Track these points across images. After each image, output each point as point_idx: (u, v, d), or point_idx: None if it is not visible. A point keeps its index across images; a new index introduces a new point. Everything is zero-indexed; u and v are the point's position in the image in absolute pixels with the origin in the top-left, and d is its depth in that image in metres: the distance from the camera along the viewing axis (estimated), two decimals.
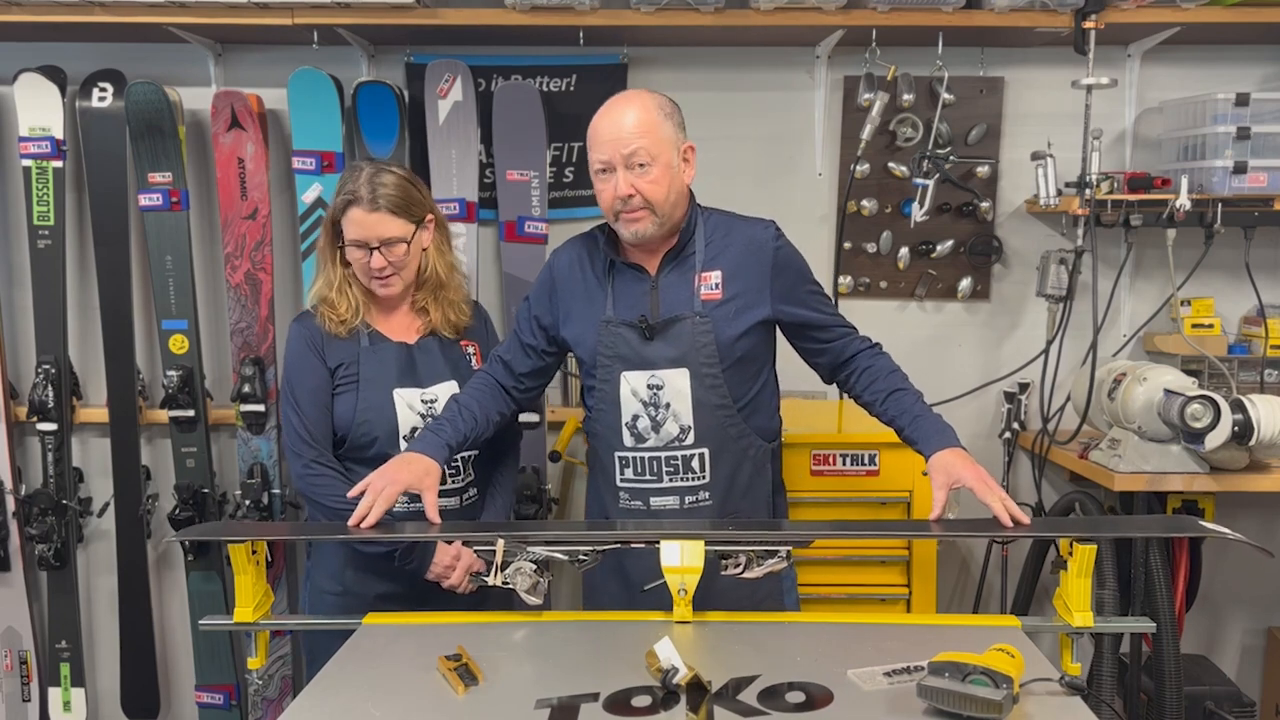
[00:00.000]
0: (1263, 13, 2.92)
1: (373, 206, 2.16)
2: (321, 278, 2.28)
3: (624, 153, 2.03)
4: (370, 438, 2.20)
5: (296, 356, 2.24)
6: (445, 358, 2.29)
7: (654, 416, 2.13)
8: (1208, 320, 3.19)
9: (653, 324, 2.11)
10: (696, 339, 2.11)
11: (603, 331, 2.14)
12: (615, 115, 2.07)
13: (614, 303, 2.15)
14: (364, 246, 2.18)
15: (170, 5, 2.88)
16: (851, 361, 2.20)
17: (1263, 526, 3.29)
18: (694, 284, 2.13)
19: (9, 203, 3.27)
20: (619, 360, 2.13)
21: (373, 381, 2.22)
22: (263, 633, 1.91)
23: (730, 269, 2.14)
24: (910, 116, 3.18)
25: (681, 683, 1.56)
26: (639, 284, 2.15)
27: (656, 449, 2.14)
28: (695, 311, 2.11)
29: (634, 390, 2.13)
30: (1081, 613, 1.79)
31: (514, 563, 1.85)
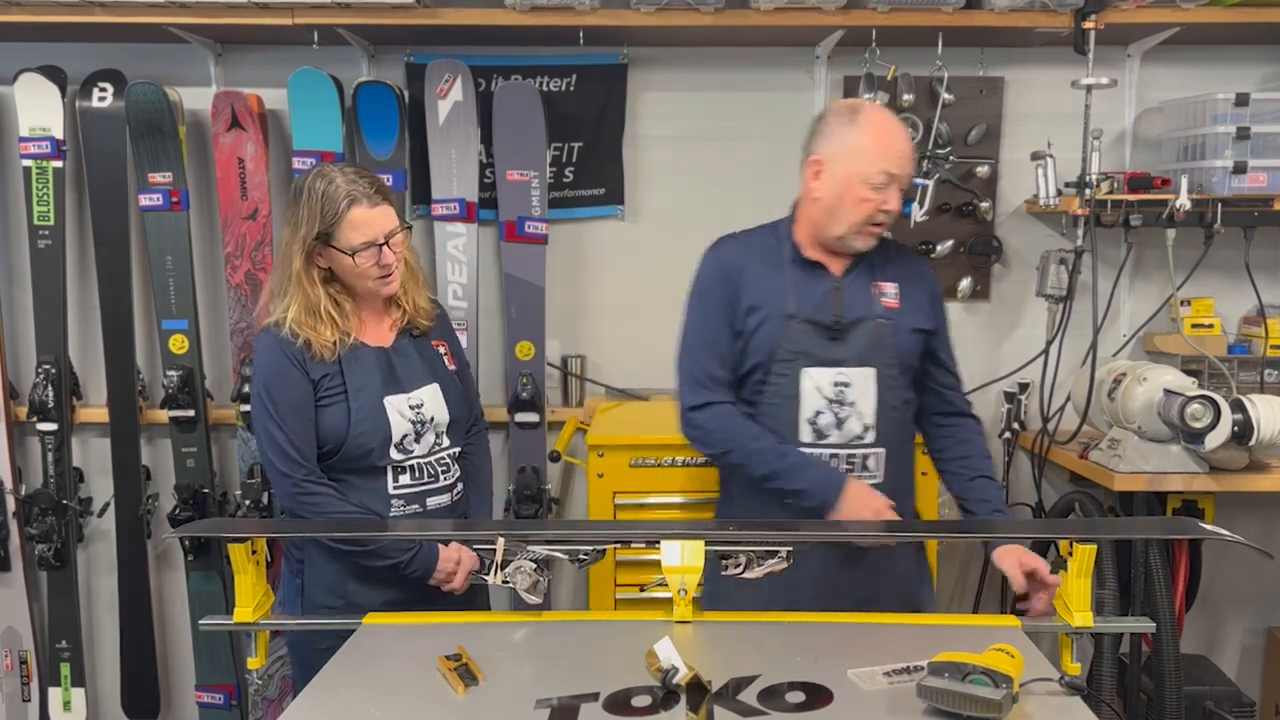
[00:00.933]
0: (1263, 13, 2.92)
1: (373, 201, 2.10)
2: (294, 303, 2.11)
3: (906, 171, 2.10)
4: (366, 448, 2.14)
5: (274, 369, 2.10)
6: (422, 359, 2.24)
7: (837, 413, 2.14)
8: (1207, 320, 3.19)
9: (842, 324, 2.14)
10: (881, 340, 2.15)
11: (786, 326, 2.14)
12: (900, 134, 2.11)
13: (798, 299, 2.15)
14: (373, 245, 2.10)
15: (170, 5, 2.88)
16: (952, 420, 2.28)
17: (1262, 526, 3.29)
18: (872, 290, 2.17)
19: (9, 203, 3.27)
20: (802, 356, 2.13)
21: (362, 390, 2.14)
22: (263, 633, 1.91)
23: (903, 283, 2.20)
24: (910, 116, 3.18)
25: (681, 683, 1.56)
26: (821, 283, 2.17)
27: (837, 446, 2.15)
28: (880, 315, 2.15)
29: (818, 386, 2.13)
30: (1081, 613, 1.79)
31: (514, 562, 1.85)
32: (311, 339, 2.10)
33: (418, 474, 2.19)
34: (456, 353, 2.35)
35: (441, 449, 2.23)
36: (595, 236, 3.33)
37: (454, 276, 3.17)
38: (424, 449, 2.20)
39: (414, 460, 2.18)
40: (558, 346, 3.33)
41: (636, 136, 3.28)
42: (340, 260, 2.10)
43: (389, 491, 2.17)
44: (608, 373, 3.36)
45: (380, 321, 2.22)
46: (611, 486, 2.76)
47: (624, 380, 3.35)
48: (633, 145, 3.28)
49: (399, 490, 2.18)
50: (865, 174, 2.07)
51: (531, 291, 3.18)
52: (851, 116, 2.10)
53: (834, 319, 2.14)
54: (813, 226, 2.17)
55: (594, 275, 3.34)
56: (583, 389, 3.36)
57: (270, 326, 2.14)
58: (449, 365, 2.30)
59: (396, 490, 2.17)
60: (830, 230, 2.13)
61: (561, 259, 3.30)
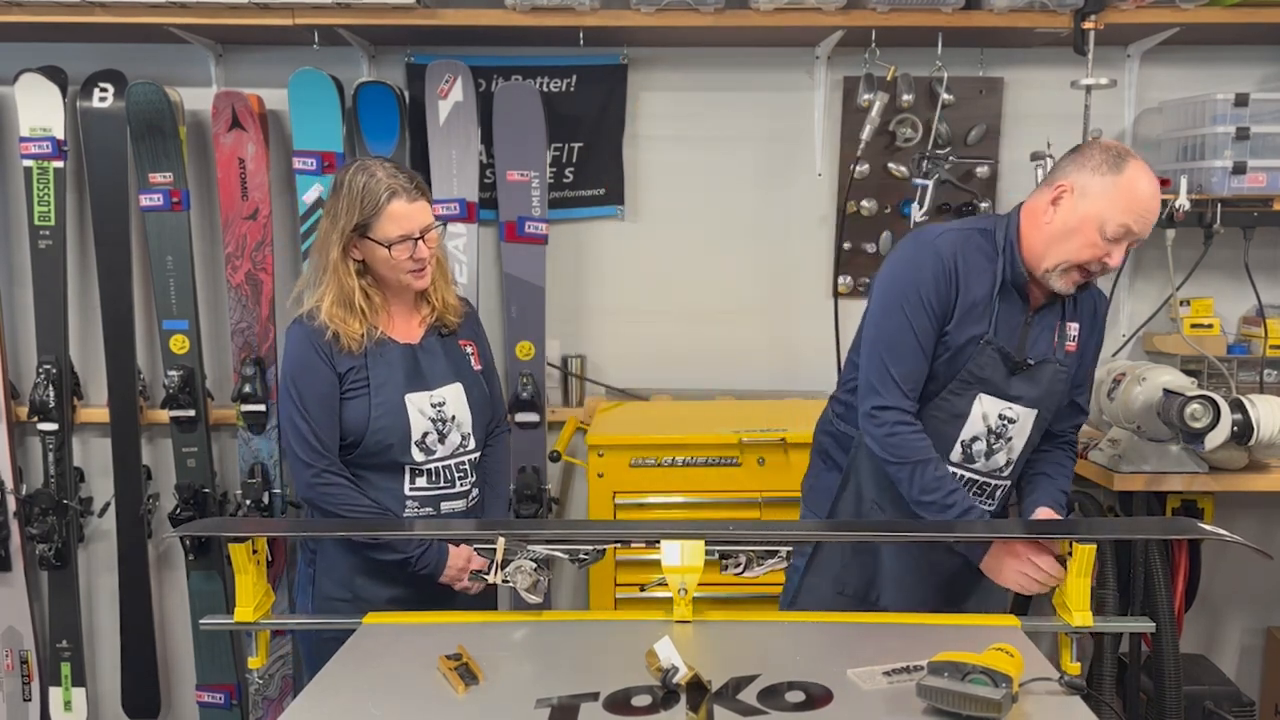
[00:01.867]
0: (1262, 13, 2.92)
1: (413, 195, 2.12)
2: (329, 293, 2.15)
3: (1145, 234, 1.99)
4: (385, 444, 2.15)
5: (302, 361, 2.14)
6: (448, 358, 2.25)
7: (991, 444, 2.13)
8: (1207, 320, 3.19)
9: (1031, 363, 2.09)
10: (1055, 385, 2.12)
11: (979, 350, 2.07)
12: (1155, 196, 1.98)
13: (996, 323, 2.07)
14: (409, 238, 2.12)
15: (171, 5, 2.88)
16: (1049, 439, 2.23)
17: (1262, 526, 3.29)
18: (1056, 331, 2.12)
19: (10, 203, 3.27)
20: (981, 382, 2.09)
21: (384, 386, 2.16)
22: (263, 632, 1.91)
23: (1083, 323, 2.16)
24: (910, 117, 3.18)
25: (681, 682, 1.56)
26: (1018, 315, 2.10)
27: (978, 473, 2.15)
28: (1058, 360, 2.12)
29: (985, 414, 2.10)
30: (1081, 612, 1.79)
31: (514, 561, 1.85)
32: (341, 331, 2.12)
33: (434, 478, 2.21)
34: (484, 353, 2.36)
35: (464, 452, 2.24)
36: (595, 236, 3.33)
37: (454, 276, 3.17)
38: (448, 450, 2.21)
39: (433, 464, 2.20)
40: (558, 346, 3.33)
41: (636, 136, 3.28)
42: (376, 252, 2.13)
43: (405, 492, 2.19)
44: (608, 373, 3.37)
45: (410, 317, 2.25)
46: (611, 486, 2.76)
47: (624, 380, 3.35)
48: (633, 145, 3.28)
49: (414, 492, 2.19)
50: (1107, 219, 1.96)
51: (531, 291, 3.18)
52: (1119, 161, 1.97)
53: (1020, 355, 2.08)
54: (1027, 250, 2.07)
55: (594, 275, 3.34)
56: (583, 389, 3.36)
57: (302, 318, 2.17)
58: (475, 365, 2.31)
59: (412, 492, 2.19)
60: (1043, 261, 2.03)
61: (561, 259, 3.30)
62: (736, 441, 2.74)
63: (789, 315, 3.34)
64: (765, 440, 2.74)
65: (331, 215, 2.14)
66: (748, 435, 2.74)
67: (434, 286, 2.24)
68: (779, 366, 3.35)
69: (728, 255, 3.32)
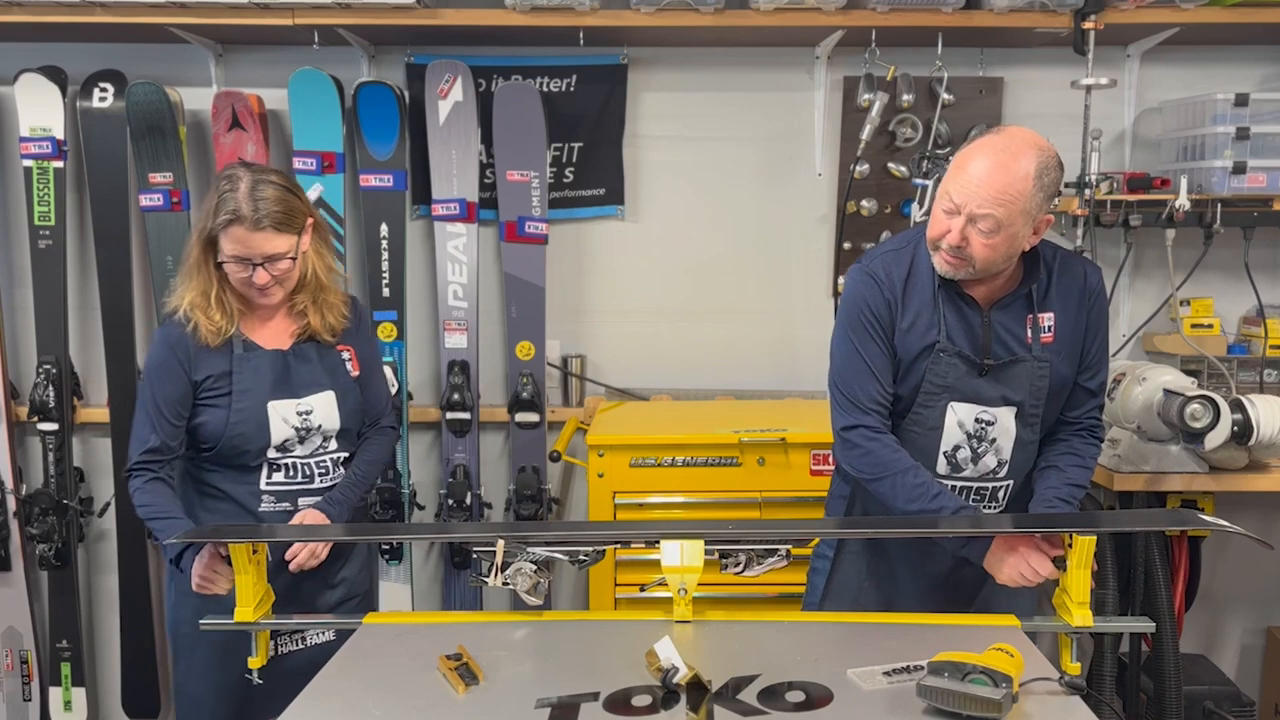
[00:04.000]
0: (1262, 13, 2.92)
1: (256, 225, 2.04)
2: (193, 287, 2.12)
3: (975, 212, 1.91)
4: (241, 449, 2.13)
5: (159, 364, 2.12)
6: (322, 365, 2.20)
7: (975, 449, 2.10)
8: (1207, 320, 3.19)
9: (993, 364, 2.05)
10: (1034, 382, 2.07)
11: (934, 358, 2.05)
12: (989, 167, 1.90)
13: (947, 330, 2.05)
14: (246, 262, 2.07)
15: (171, 5, 2.88)
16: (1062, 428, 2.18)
17: (1262, 526, 3.29)
18: (1028, 324, 2.07)
19: (10, 203, 3.27)
20: (948, 390, 2.06)
21: (246, 393, 2.12)
22: (263, 632, 1.91)
23: (1060, 310, 2.08)
24: (910, 117, 3.18)
25: (681, 682, 1.56)
26: (970, 315, 2.06)
27: (970, 479, 2.12)
28: (1034, 355, 2.06)
29: (961, 421, 2.08)
30: (1082, 606, 1.79)
31: (514, 563, 1.85)
32: (200, 322, 2.10)
33: (292, 472, 2.17)
34: (364, 357, 2.29)
35: (325, 451, 2.21)
36: (595, 236, 3.33)
37: (454, 276, 3.17)
38: (306, 450, 2.18)
39: (290, 459, 2.17)
40: (558, 346, 3.33)
41: (636, 136, 3.28)
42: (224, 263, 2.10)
43: (260, 487, 2.16)
44: (608, 373, 3.37)
45: (281, 323, 2.20)
46: (611, 486, 2.76)
47: (624, 380, 3.35)
48: (633, 145, 3.28)
49: (271, 487, 2.16)
50: (941, 194, 1.97)
51: (531, 291, 3.18)
52: (977, 139, 1.98)
53: (983, 358, 2.04)
54: None
55: (594, 275, 3.34)
56: (583, 389, 3.36)
57: (167, 320, 2.16)
58: (352, 371, 2.25)
59: (268, 486, 2.16)
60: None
61: (561, 259, 3.30)
62: (736, 441, 2.74)
63: (789, 315, 3.34)
64: (765, 440, 2.74)
65: (201, 212, 2.13)
66: (748, 435, 2.74)
67: (311, 308, 2.19)
68: (779, 366, 3.35)
69: (728, 255, 3.32)
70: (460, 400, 3.18)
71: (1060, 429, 2.18)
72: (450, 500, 3.22)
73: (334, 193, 3.12)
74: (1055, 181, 1.97)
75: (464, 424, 3.21)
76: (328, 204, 3.12)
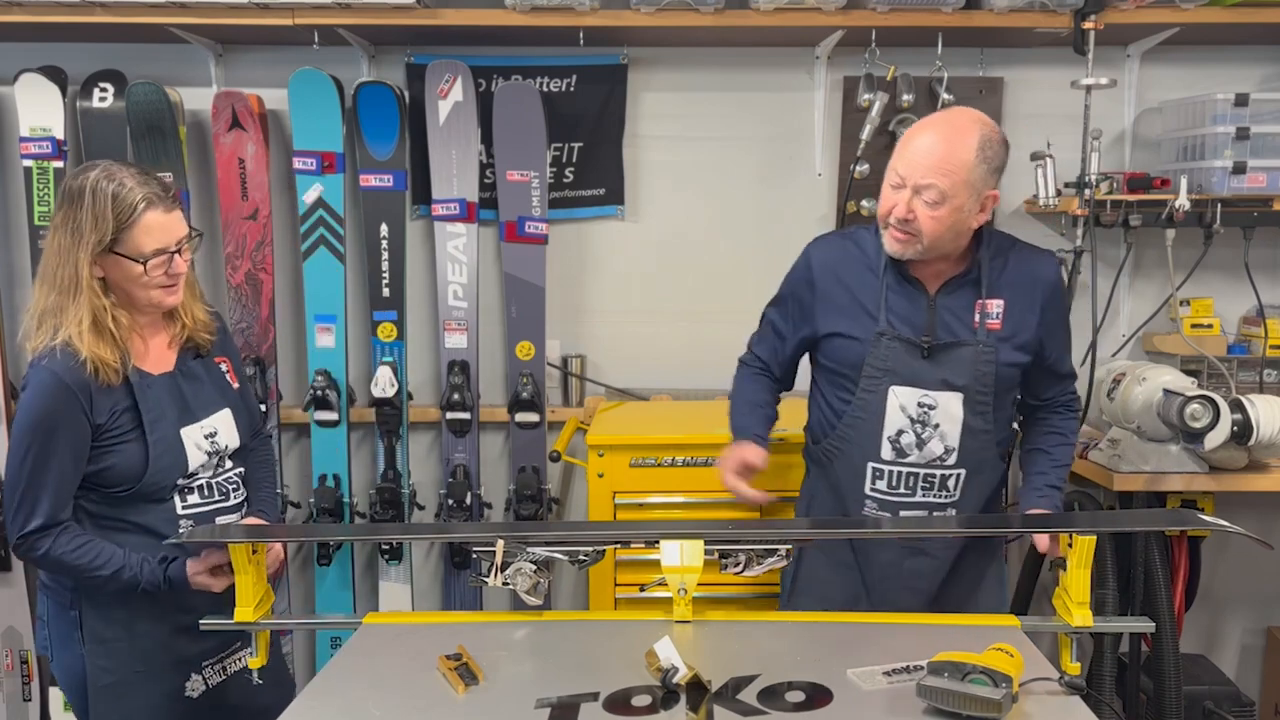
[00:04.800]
0: (1263, 13, 2.92)
1: (169, 205, 1.91)
2: (75, 316, 1.88)
3: (919, 182, 1.97)
4: (159, 485, 1.97)
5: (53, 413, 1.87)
6: (212, 383, 2.09)
7: (920, 434, 2.11)
8: (1207, 320, 3.19)
9: (934, 345, 2.08)
10: (979, 366, 2.09)
11: (875, 343, 2.09)
12: (931, 140, 1.99)
13: (889, 314, 2.10)
14: (166, 252, 1.92)
15: (170, 5, 2.88)
16: (1040, 409, 2.25)
17: (1262, 526, 3.29)
18: (975, 310, 2.09)
19: (10, 203, 3.27)
20: (889, 374, 2.10)
21: (158, 423, 1.96)
22: (263, 632, 1.91)
23: (1011, 300, 2.11)
24: (910, 117, 3.17)
25: (681, 682, 1.56)
26: (916, 300, 2.10)
27: (916, 465, 2.13)
28: (979, 340, 2.09)
29: (902, 406, 2.10)
30: (1082, 606, 1.79)
31: (514, 563, 1.85)
32: (99, 356, 1.89)
33: (207, 492, 2.06)
34: (238, 367, 2.21)
35: (226, 469, 2.10)
36: (595, 236, 3.33)
37: (454, 276, 3.17)
38: (209, 472, 2.07)
39: (200, 481, 2.05)
40: (558, 346, 3.33)
41: (636, 136, 3.28)
42: (126, 269, 1.91)
43: (177, 513, 2.01)
44: (608, 373, 3.37)
45: (160, 338, 2.05)
46: (611, 486, 2.76)
47: (624, 380, 3.35)
48: (633, 145, 3.28)
49: (188, 510, 2.02)
50: (890, 171, 2.03)
51: (531, 291, 3.18)
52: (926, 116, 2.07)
53: (925, 340, 2.08)
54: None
55: (594, 275, 3.34)
56: (583, 389, 3.36)
57: (48, 356, 1.89)
58: (233, 384, 2.16)
59: (185, 511, 2.02)
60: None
61: (561, 259, 3.30)
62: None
63: None
64: None
65: (72, 228, 1.89)
66: None
67: (190, 298, 2.06)
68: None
69: (728, 255, 3.32)
70: (460, 400, 3.18)
71: (1038, 410, 2.25)
72: (450, 500, 3.22)
73: (334, 193, 3.12)
74: (999, 156, 2.02)
75: (464, 424, 3.21)
76: (328, 204, 3.12)
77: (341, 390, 3.17)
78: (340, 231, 3.14)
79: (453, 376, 3.18)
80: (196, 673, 2.06)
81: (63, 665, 2.04)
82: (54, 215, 1.93)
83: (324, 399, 3.14)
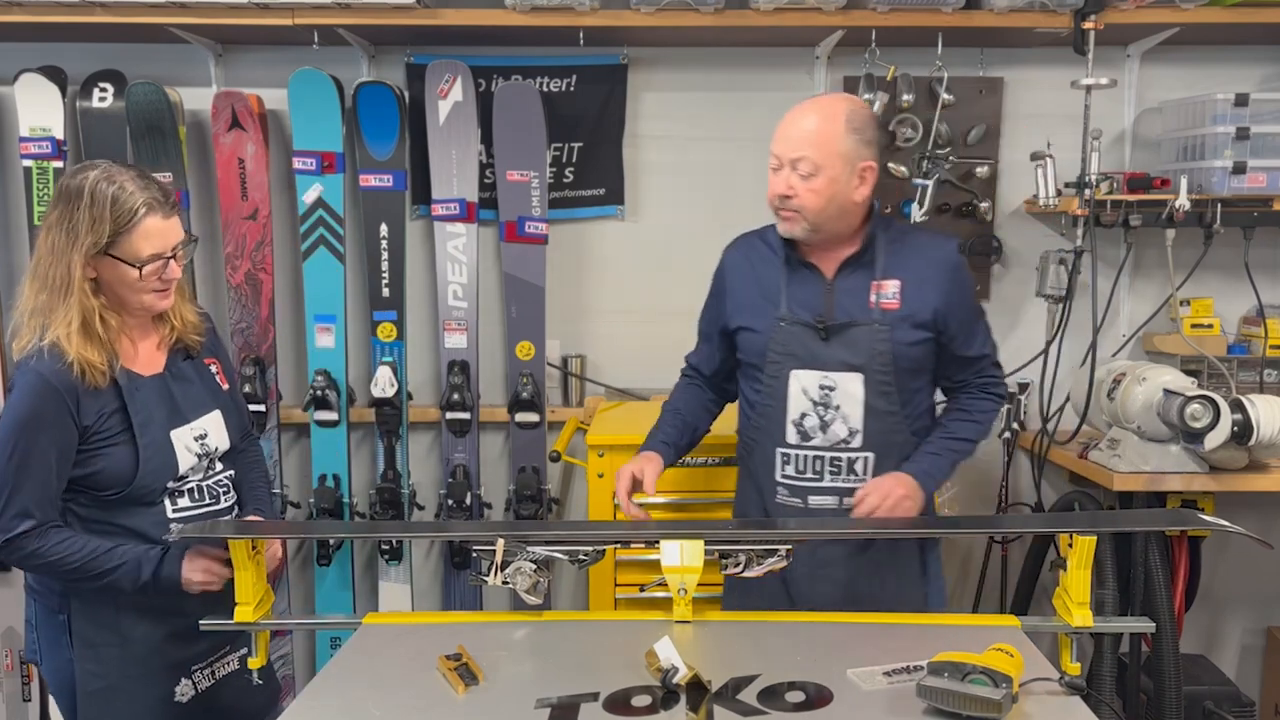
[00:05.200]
0: (1263, 13, 2.92)
1: (169, 210, 1.91)
2: (65, 317, 1.86)
3: (791, 156, 2.08)
4: (149, 488, 1.95)
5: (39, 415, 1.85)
6: (202, 384, 2.08)
7: (823, 416, 2.14)
8: (1207, 320, 3.19)
9: (830, 325, 2.12)
10: (875, 345, 2.12)
11: (776, 329, 2.16)
12: (799, 116, 2.11)
13: (788, 300, 2.16)
14: (162, 257, 1.91)
15: (170, 5, 2.88)
16: (954, 390, 2.26)
17: (1262, 526, 3.29)
18: (871, 291, 2.13)
19: (10, 203, 3.27)
20: (790, 358, 2.15)
21: (148, 426, 1.94)
22: (263, 633, 1.91)
23: (908, 280, 2.14)
24: (910, 117, 3.18)
25: (681, 682, 1.56)
26: (814, 284, 2.16)
27: (821, 448, 2.16)
28: (874, 319, 2.12)
29: (804, 389, 2.14)
30: (1081, 606, 1.79)
31: (514, 563, 1.85)
32: (86, 359, 1.87)
33: (198, 496, 2.04)
34: (228, 369, 2.18)
35: (216, 472, 2.08)
36: (595, 236, 3.33)
37: (454, 276, 3.17)
38: (200, 475, 2.05)
39: (190, 484, 2.03)
40: (558, 346, 3.33)
41: (636, 136, 3.28)
42: (121, 272, 1.89)
43: (168, 516, 1.99)
44: (608, 373, 3.37)
45: (148, 341, 2.03)
46: (611, 486, 2.75)
47: (624, 380, 3.35)
48: (633, 145, 3.28)
49: (179, 514, 2.00)
50: (770, 160, 2.13)
51: (531, 291, 3.18)
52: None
53: (820, 321, 2.13)
54: None
55: (594, 275, 3.34)
56: (583, 389, 3.36)
57: (35, 357, 1.87)
58: (223, 385, 2.14)
59: (176, 515, 2.00)
60: None
61: (561, 259, 3.30)
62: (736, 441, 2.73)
63: None
64: None
65: (68, 228, 1.86)
66: None
67: (180, 300, 2.05)
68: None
69: None
70: (460, 400, 3.18)
71: (952, 391, 2.27)
72: (450, 500, 3.22)
73: (334, 193, 3.12)
74: (869, 127, 2.12)
75: (464, 424, 3.21)
76: (328, 204, 3.12)
77: (341, 390, 3.17)
78: (340, 231, 3.14)
79: (453, 376, 3.18)
80: (186, 677, 2.04)
81: (52, 670, 2.03)
82: (49, 213, 1.91)
83: (324, 399, 3.14)
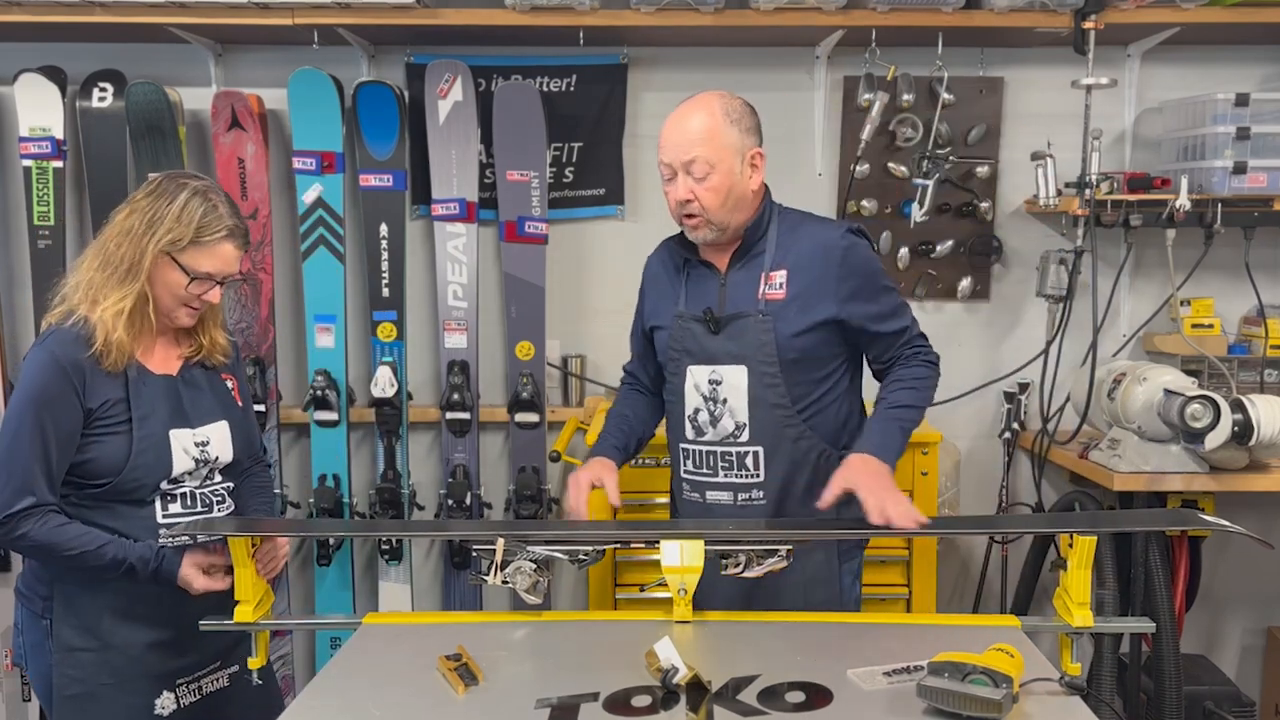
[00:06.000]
0: (1263, 13, 2.92)
1: (242, 246, 1.99)
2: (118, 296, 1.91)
3: (684, 160, 2.06)
4: (139, 483, 1.94)
5: (48, 390, 1.87)
6: (214, 393, 2.08)
7: (712, 411, 2.15)
8: (1207, 320, 3.19)
9: (718, 319, 2.13)
10: (758, 336, 2.11)
11: (675, 326, 2.19)
12: (679, 121, 2.11)
13: (686, 298, 2.19)
14: (212, 279, 1.97)
15: (170, 5, 2.88)
16: (886, 370, 2.21)
17: (1262, 526, 3.29)
18: (761, 282, 2.13)
19: (9, 203, 3.27)
20: (686, 354, 2.17)
21: (147, 420, 1.95)
22: (263, 633, 1.91)
23: (795, 268, 2.12)
24: (910, 117, 3.18)
25: (681, 682, 1.56)
26: (709, 281, 2.18)
27: (713, 443, 2.16)
28: (758, 310, 2.12)
29: (696, 384, 2.16)
30: (1082, 607, 1.78)
31: (514, 562, 1.85)
32: (114, 338, 1.90)
33: (190, 502, 2.02)
34: (244, 389, 2.20)
35: (214, 482, 2.07)
36: (595, 236, 3.33)
37: (454, 276, 3.17)
38: (196, 481, 2.04)
39: (184, 489, 2.02)
40: (558, 346, 3.33)
41: (636, 136, 3.28)
42: (173, 277, 1.94)
43: (158, 520, 1.98)
44: (608, 373, 3.36)
45: (169, 348, 2.06)
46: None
47: None
48: (633, 145, 3.28)
49: (169, 520, 1.99)
50: (660, 170, 2.12)
51: (531, 291, 3.18)
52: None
53: (707, 315, 2.14)
54: None
55: (594, 275, 3.34)
56: (583, 389, 3.36)
57: (53, 335, 1.93)
58: (239, 401, 2.15)
59: (166, 519, 1.99)
60: None
61: (561, 259, 3.30)
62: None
63: None
64: None
65: (151, 217, 1.93)
66: None
67: (203, 325, 2.08)
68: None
69: None
70: (460, 400, 3.18)
71: (884, 372, 2.22)
72: (450, 500, 3.22)
73: (334, 193, 3.12)
74: (747, 117, 2.15)
75: (464, 424, 3.21)
76: (327, 204, 3.12)
77: (341, 390, 3.17)
78: (340, 231, 3.14)
79: (452, 376, 3.18)
80: (169, 690, 2.01)
81: (36, 674, 2.03)
82: (135, 197, 1.97)
83: (324, 399, 3.14)
